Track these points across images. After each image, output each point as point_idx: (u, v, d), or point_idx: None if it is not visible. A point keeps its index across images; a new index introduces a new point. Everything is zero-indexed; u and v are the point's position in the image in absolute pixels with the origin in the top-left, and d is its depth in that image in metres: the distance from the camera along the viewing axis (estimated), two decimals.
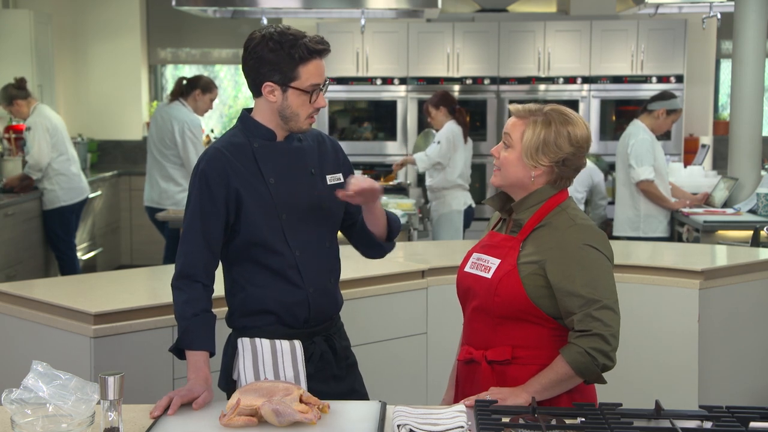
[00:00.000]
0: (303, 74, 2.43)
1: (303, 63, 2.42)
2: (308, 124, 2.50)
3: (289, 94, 2.44)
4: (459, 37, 8.45)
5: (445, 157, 6.47)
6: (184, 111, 6.18)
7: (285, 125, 2.49)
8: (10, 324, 3.26)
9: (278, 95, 2.45)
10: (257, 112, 2.52)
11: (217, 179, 2.43)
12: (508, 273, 2.35)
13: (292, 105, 2.45)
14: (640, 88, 8.36)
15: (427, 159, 6.49)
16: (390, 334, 3.73)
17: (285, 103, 2.45)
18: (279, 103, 2.45)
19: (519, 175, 2.41)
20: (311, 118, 2.49)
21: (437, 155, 6.46)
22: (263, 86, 2.44)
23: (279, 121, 2.49)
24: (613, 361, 2.28)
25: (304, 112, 2.46)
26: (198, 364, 2.36)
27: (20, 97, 6.65)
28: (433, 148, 6.47)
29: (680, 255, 4.35)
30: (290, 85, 2.43)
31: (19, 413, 1.91)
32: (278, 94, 2.44)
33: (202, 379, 2.32)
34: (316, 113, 2.50)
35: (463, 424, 2.05)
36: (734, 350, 3.99)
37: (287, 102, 2.45)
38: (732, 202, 6.13)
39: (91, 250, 7.97)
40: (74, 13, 9.12)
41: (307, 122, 2.49)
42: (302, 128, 2.50)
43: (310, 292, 2.50)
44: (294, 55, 2.40)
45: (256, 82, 2.46)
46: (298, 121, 2.48)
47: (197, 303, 2.42)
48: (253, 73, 2.46)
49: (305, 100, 2.45)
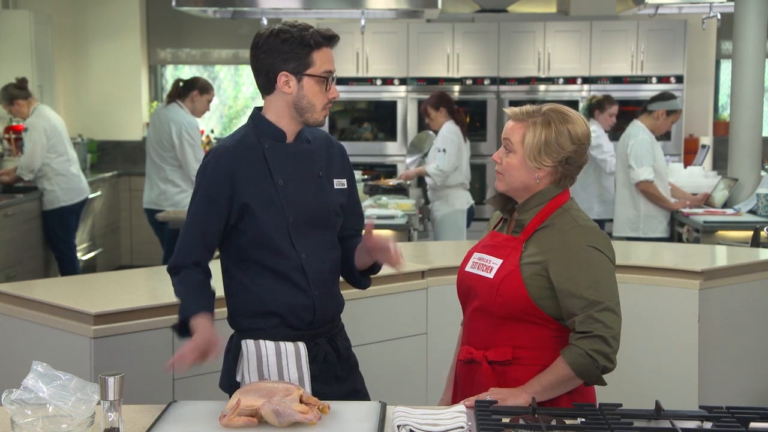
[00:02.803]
0: (317, 60, 2.43)
1: (317, 48, 2.43)
2: (323, 116, 2.50)
3: (305, 83, 2.44)
4: (459, 38, 8.45)
5: (455, 163, 6.44)
6: (181, 113, 6.18)
7: (300, 118, 2.48)
8: (10, 324, 3.25)
9: (293, 85, 2.44)
10: (269, 110, 2.51)
11: (223, 179, 2.43)
12: (510, 273, 2.35)
13: (307, 94, 2.45)
14: (640, 89, 8.37)
15: (443, 173, 6.39)
16: (390, 334, 3.73)
17: (301, 93, 2.44)
18: (294, 93, 2.45)
19: (523, 178, 2.40)
20: (327, 110, 2.49)
21: (450, 165, 6.39)
22: (278, 77, 2.43)
23: (294, 114, 2.47)
24: (613, 363, 2.28)
25: (319, 102, 2.46)
26: (203, 326, 2.37)
27: (21, 97, 6.66)
28: (443, 159, 6.35)
29: (680, 255, 4.35)
30: (305, 73, 2.43)
31: (19, 414, 1.91)
32: (293, 84, 2.44)
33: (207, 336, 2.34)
34: (330, 105, 2.50)
35: (463, 424, 2.05)
36: (734, 350, 3.99)
37: (303, 92, 2.44)
38: (732, 203, 6.13)
39: (91, 251, 7.97)
40: (74, 14, 9.12)
41: (323, 114, 2.49)
42: (318, 120, 2.49)
43: (315, 294, 2.49)
44: (308, 42, 2.41)
45: (270, 75, 2.45)
46: (314, 112, 2.47)
47: (190, 278, 2.46)
48: (266, 66, 2.45)
49: (321, 88, 2.45)
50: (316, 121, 2.50)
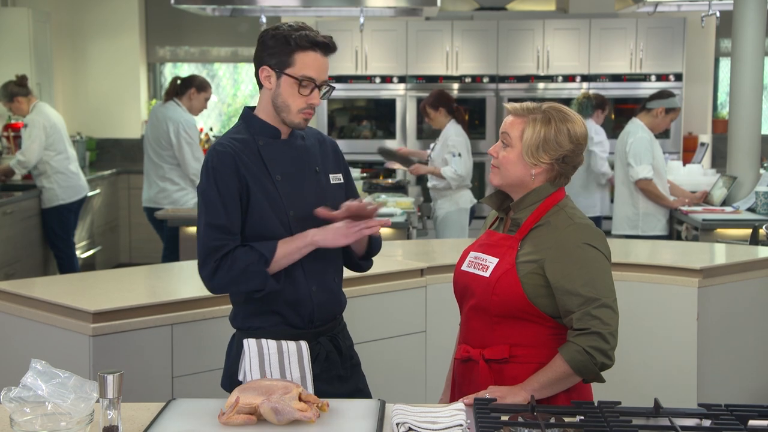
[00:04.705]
0: (298, 62, 2.43)
1: (300, 50, 2.43)
2: (301, 119, 2.48)
3: (282, 81, 2.45)
4: (458, 36, 8.45)
5: (470, 166, 6.44)
6: (179, 111, 6.17)
7: (279, 116, 2.48)
8: (9, 322, 3.25)
9: (273, 81, 2.47)
10: (260, 107, 2.52)
11: (228, 171, 2.42)
12: (506, 272, 2.35)
13: (282, 93, 2.46)
14: (639, 87, 8.36)
15: (461, 178, 6.38)
16: (389, 332, 3.73)
17: (277, 90, 2.46)
18: (273, 90, 2.47)
19: (519, 173, 2.41)
20: (305, 114, 2.47)
21: (466, 169, 6.38)
22: (261, 70, 2.47)
23: (274, 112, 2.49)
24: (611, 359, 2.28)
25: (294, 104, 2.46)
26: (294, 240, 2.41)
27: (21, 95, 6.66)
28: (459, 163, 6.31)
29: (679, 253, 4.35)
30: (284, 71, 2.44)
31: (18, 412, 1.91)
32: (273, 80, 2.46)
33: (311, 233, 2.41)
34: (311, 111, 2.48)
35: (462, 422, 2.05)
36: (733, 348, 3.99)
37: (279, 90, 2.46)
38: (731, 201, 6.13)
39: (89, 249, 7.97)
40: (73, 12, 9.11)
41: (300, 117, 2.47)
42: (294, 122, 2.48)
43: (314, 291, 2.49)
44: (292, 42, 2.42)
45: (257, 68, 2.49)
46: (289, 113, 2.47)
47: (236, 253, 2.39)
48: (256, 60, 2.49)
49: (296, 90, 2.44)
50: (292, 123, 2.49)
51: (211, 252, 2.40)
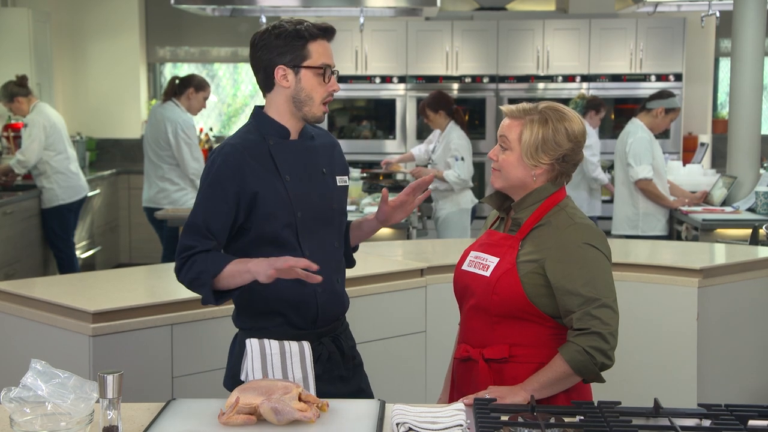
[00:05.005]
0: (313, 52, 2.43)
1: (312, 40, 2.43)
2: (322, 111, 2.48)
3: (302, 76, 2.43)
4: (458, 36, 8.45)
5: (472, 170, 6.45)
6: (177, 111, 6.17)
7: (299, 112, 2.47)
8: (9, 322, 3.25)
9: (291, 79, 2.44)
10: (270, 107, 2.50)
11: (231, 177, 2.40)
12: (506, 272, 2.35)
13: (306, 87, 2.44)
14: (639, 87, 8.37)
15: (464, 182, 6.39)
16: (389, 332, 3.73)
17: (299, 86, 2.44)
18: (293, 87, 2.44)
19: (520, 175, 2.41)
20: (325, 104, 2.48)
21: (469, 173, 6.39)
22: (276, 71, 2.43)
23: (293, 109, 2.46)
24: (611, 359, 2.28)
25: (318, 95, 2.45)
26: (239, 264, 2.34)
27: (21, 95, 6.66)
28: (462, 167, 6.33)
29: (679, 253, 4.35)
30: (302, 65, 2.42)
31: (18, 412, 1.91)
32: (291, 77, 2.44)
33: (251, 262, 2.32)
34: (330, 99, 2.49)
35: (462, 422, 2.05)
36: (733, 348, 3.99)
37: (300, 85, 2.44)
38: (731, 201, 6.13)
39: (89, 249, 7.97)
40: (73, 12, 9.11)
41: (322, 109, 2.47)
42: (317, 115, 2.48)
43: (318, 292, 2.49)
44: (302, 34, 2.41)
45: (268, 71, 2.45)
46: (312, 106, 2.46)
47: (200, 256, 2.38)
48: (264, 62, 2.45)
49: (319, 81, 2.44)
50: (315, 116, 2.48)
51: (182, 250, 2.41)
